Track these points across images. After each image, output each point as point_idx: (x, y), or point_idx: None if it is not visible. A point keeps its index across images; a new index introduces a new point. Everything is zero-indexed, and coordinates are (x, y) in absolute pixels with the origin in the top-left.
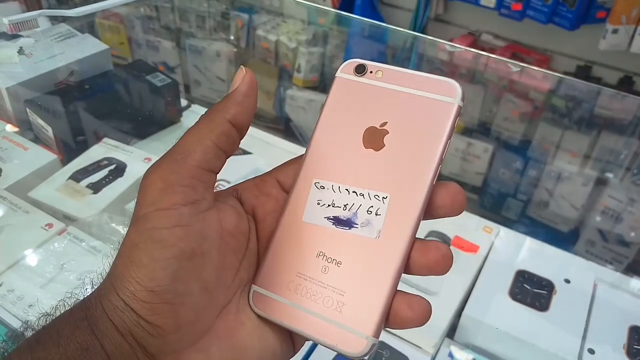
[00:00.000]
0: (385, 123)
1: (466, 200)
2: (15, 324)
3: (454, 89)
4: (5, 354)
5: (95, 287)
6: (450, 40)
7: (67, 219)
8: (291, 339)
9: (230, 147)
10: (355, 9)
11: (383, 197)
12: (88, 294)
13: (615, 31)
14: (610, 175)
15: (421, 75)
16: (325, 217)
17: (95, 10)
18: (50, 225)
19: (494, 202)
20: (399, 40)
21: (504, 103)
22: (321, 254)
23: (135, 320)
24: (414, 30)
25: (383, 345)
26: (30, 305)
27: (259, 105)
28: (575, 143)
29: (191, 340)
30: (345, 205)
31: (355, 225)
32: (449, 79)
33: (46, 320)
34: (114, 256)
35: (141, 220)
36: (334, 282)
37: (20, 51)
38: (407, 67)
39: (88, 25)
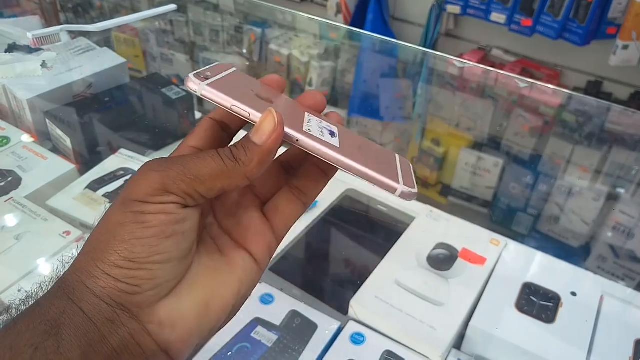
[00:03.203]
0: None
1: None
2: None
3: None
4: None
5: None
6: (461, 55)
7: (84, 226)
8: (255, 261)
9: (236, 190)
10: (367, 24)
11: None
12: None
13: (625, 47)
14: (621, 190)
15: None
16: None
17: (114, 25)
18: (67, 233)
19: (505, 217)
20: (410, 55)
21: (514, 118)
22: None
23: (112, 284)
24: (424, 45)
25: (390, 354)
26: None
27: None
28: (586, 158)
29: (166, 293)
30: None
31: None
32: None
33: (27, 302)
34: (91, 234)
35: (130, 204)
36: None
37: (44, 65)
38: (417, 83)
39: (104, 39)
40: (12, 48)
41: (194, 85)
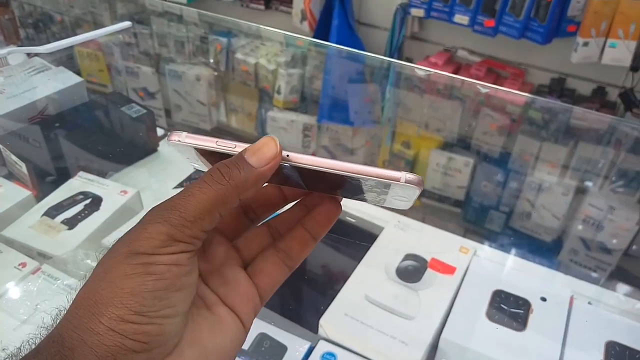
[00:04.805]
0: None
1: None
2: None
3: None
4: None
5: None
6: (427, 57)
7: (42, 256)
8: (241, 322)
9: (229, 213)
10: (332, 30)
11: None
12: (54, 328)
13: (585, 44)
14: (589, 184)
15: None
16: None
17: (66, 45)
18: (23, 265)
19: (477, 215)
20: (377, 61)
21: (482, 117)
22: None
23: (119, 342)
24: (390, 49)
25: None
26: (3, 349)
27: (240, 127)
28: (553, 154)
29: (169, 351)
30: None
31: None
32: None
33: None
34: (84, 285)
35: (138, 256)
36: None
37: None
38: (385, 87)
39: (67, 55)
40: None
41: (177, 137)
